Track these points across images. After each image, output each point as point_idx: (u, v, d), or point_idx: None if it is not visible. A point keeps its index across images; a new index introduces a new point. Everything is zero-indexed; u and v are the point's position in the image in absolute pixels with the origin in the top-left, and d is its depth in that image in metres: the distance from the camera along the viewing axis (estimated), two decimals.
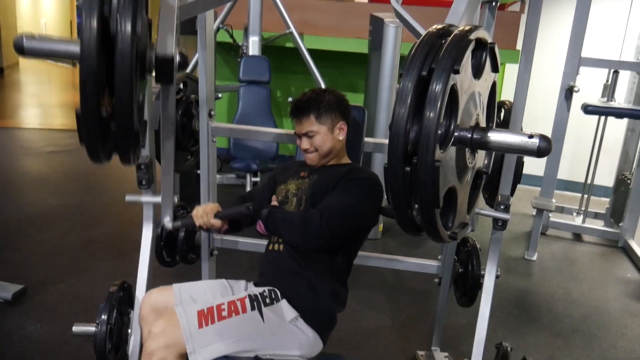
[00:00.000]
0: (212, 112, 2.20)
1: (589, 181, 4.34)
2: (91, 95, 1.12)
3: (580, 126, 4.64)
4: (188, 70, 4.28)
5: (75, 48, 1.13)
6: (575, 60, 3.69)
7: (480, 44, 1.11)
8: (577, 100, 3.78)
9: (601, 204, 4.78)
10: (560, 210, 4.61)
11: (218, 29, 4.59)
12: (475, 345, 1.94)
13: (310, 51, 4.58)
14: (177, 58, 1.43)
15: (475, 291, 2.12)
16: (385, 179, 1.05)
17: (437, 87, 0.95)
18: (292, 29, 4.54)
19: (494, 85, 1.24)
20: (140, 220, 2.06)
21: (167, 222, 1.88)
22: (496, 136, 1.09)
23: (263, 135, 2.34)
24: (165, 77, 1.41)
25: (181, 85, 2.45)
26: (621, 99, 4.39)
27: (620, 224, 4.25)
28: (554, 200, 3.99)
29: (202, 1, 1.77)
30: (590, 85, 4.33)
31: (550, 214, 4.28)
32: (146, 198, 1.85)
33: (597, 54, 3.93)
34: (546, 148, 1.06)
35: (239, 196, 1.97)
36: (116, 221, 3.97)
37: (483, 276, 2.03)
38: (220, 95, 4.62)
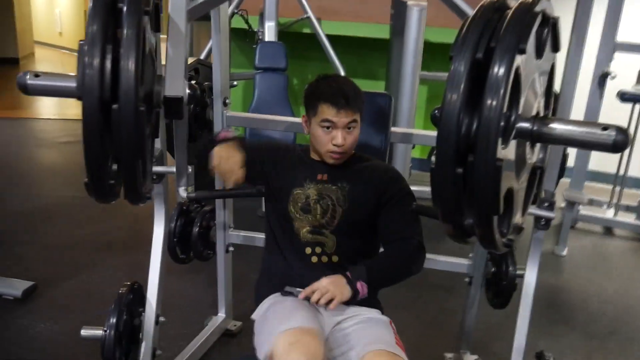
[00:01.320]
0: (227, 101, 2.07)
1: (621, 172, 4.14)
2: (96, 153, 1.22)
3: (613, 115, 4.40)
4: (202, 56, 4.14)
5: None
6: (609, 46, 3.50)
7: (543, 18, 0.94)
8: (609, 88, 3.57)
9: (633, 196, 4.56)
10: (590, 202, 4.40)
11: (233, 14, 4.43)
12: (515, 353, 1.80)
13: (328, 37, 4.41)
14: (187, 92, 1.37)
15: (510, 292, 1.97)
16: (432, 180, 0.88)
17: (499, 69, 0.78)
18: (310, 13, 4.38)
19: (552, 67, 1.07)
20: (152, 213, 1.93)
21: (182, 191, 1.80)
22: (562, 128, 0.92)
23: (280, 125, 2.20)
24: (175, 115, 1.37)
25: (193, 72, 2.32)
26: None
27: None
28: (584, 192, 3.80)
29: None
30: (622, 72, 4.10)
31: (579, 207, 4.09)
32: (160, 168, 1.74)
33: (633, 39, 3.71)
34: (624, 142, 0.88)
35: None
36: (128, 214, 3.85)
37: (519, 277, 1.89)
38: (235, 83, 4.50)
